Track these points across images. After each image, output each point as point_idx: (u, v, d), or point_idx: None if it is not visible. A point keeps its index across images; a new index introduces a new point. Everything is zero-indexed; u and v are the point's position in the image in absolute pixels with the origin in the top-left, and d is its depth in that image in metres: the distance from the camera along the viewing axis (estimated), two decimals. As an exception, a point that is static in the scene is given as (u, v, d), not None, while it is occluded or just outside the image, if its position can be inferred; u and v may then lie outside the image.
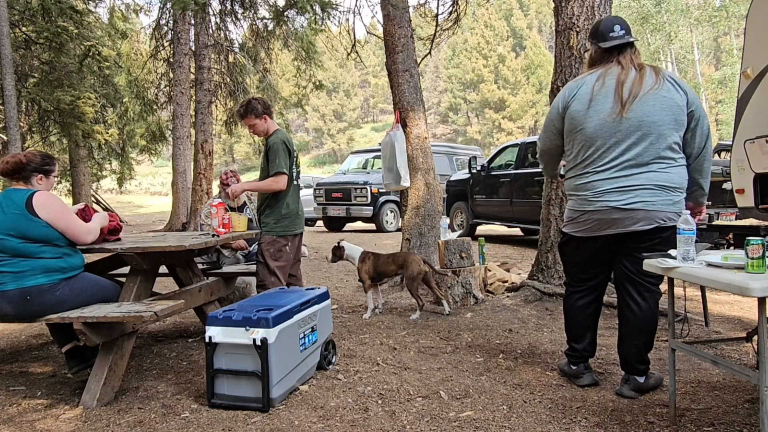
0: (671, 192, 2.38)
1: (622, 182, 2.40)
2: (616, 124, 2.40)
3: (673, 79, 2.42)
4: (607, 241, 2.51)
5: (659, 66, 2.48)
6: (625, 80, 2.41)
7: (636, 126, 2.37)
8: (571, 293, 2.74)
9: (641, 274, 2.43)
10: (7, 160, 2.82)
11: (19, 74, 11.77)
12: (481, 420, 2.31)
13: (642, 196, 2.36)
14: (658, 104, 2.36)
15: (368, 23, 10.47)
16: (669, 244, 2.33)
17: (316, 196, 12.02)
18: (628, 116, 2.37)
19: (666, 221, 2.38)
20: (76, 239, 2.81)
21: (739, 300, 4.41)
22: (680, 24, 23.45)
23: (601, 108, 2.43)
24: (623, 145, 2.39)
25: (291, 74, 16.75)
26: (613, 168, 2.42)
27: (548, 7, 43.80)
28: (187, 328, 4.19)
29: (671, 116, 2.36)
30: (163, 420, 2.42)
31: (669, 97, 2.37)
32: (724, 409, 2.33)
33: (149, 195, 40.96)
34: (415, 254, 4.33)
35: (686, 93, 2.39)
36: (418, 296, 4.21)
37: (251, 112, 3.57)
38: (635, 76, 2.42)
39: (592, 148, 2.46)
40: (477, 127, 48.57)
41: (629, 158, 2.39)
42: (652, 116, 2.36)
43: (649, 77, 2.41)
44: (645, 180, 2.37)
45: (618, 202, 2.40)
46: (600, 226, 2.48)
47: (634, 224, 2.40)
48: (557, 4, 4.29)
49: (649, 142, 2.36)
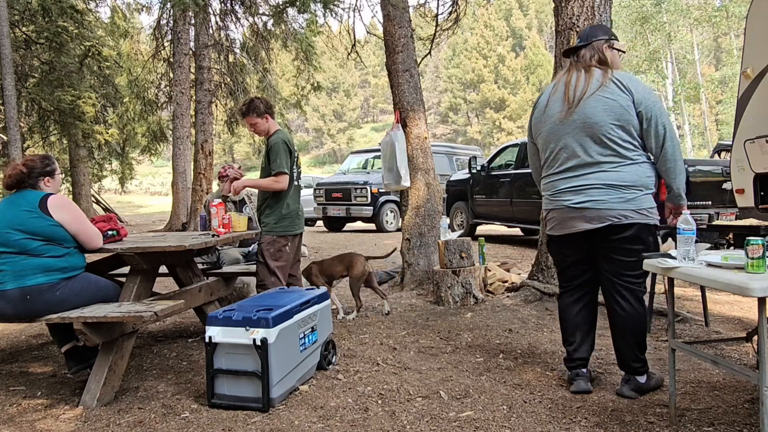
0: (623, 190, 2.38)
1: (574, 182, 2.48)
2: (564, 126, 2.49)
3: (619, 79, 2.40)
4: (577, 240, 2.55)
5: (608, 68, 2.48)
6: (571, 81, 2.48)
7: (581, 127, 2.43)
8: (562, 293, 2.75)
9: (618, 275, 2.47)
10: (8, 174, 2.83)
11: (19, 74, 11.77)
12: (481, 420, 2.31)
13: (592, 195, 2.42)
14: (600, 105, 2.38)
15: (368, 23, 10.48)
16: (637, 242, 2.38)
17: (316, 196, 12.02)
18: (573, 117, 2.45)
19: (621, 219, 2.38)
20: (88, 243, 2.83)
21: (739, 300, 4.41)
22: (680, 24, 23.43)
23: (553, 112, 2.55)
24: (573, 146, 2.47)
25: (291, 74, 16.76)
26: (567, 168, 2.51)
27: (548, 7, 43.79)
28: (187, 328, 4.19)
29: (613, 116, 2.36)
30: (163, 420, 2.42)
31: (611, 98, 2.37)
32: (724, 409, 2.33)
33: (149, 195, 40.97)
34: (359, 254, 4.35)
35: (631, 93, 2.36)
36: (358, 296, 4.31)
37: (253, 111, 3.58)
38: (582, 78, 2.46)
39: (548, 150, 2.59)
40: (477, 127, 48.58)
41: (579, 158, 2.46)
42: (594, 117, 2.39)
43: (595, 79, 2.43)
44: (595, 179, 2.42)
45: (570, 201, 2.49)
46: (561, 225, 2.57)
47: (587, 223, 2.45)
48: (557, 4, 4.29)
49: (594, 142, 2.41)
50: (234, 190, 3.70)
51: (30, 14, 11.72)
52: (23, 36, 12.25)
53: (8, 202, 2.74)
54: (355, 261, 4.27)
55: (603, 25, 2.76)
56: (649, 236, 2.41)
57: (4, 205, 2.73)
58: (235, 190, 3.70)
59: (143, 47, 15.87)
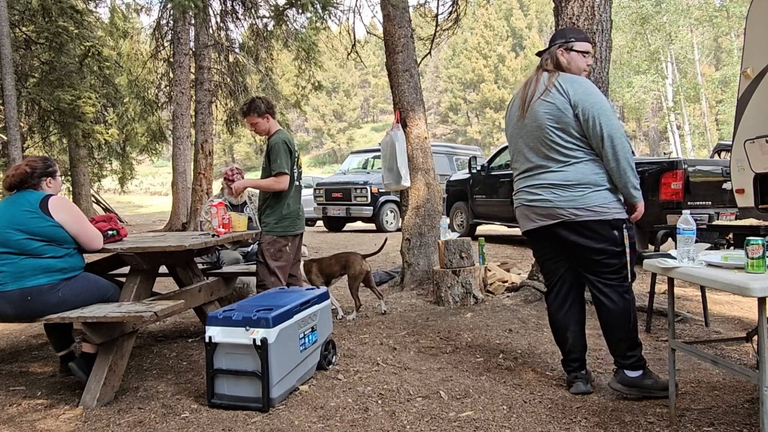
0: (569, 189, 2.42)
1: (528, 182, 2.57)
2: (519, 129, 2.61)
3: (560, 82, 2.44)
4: (543, 237, 2.60)
5: (555, 72, 2.53)
6: (527, 85, 2.57)
7: (530, 130, 2.52)
8: (547, 293, 2.78)
9: (592, 272, 2.49)
10: (12, 173, 2.84)
11: (19, 74, 11.77)
12: (481, 420, 2.31)
13: (541, 194, 2.50)
14: (542, 109, 2.45)
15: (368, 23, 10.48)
16: (598, 239, 2.40)
17: (316, 196, 12.02)
18: (525, 122, 2.54)
19: (571, 217, 2.42)
20: (88, 244, 2.83)
21: (739, 300, 4.41)
22: (680, 24, 23.41)
23: (512, 115, 2.67)
24: (524, 149, 2.58)
25: (291, 74, 16.75)
26: (522, 171, 2.62)
27: (548, 7, 43.78)
28: (187, 328, 4.19)
29: (553, 120, 2.43)
30: (163, 420, 2.42)
31: (551, 102, 2.43)
32: (724, 409, 2.33)
33: (149, 195, 40.98)
34: (357, 254, 4.35)
35: (568, 95, 2.40)
36: (357, 296, 4.31)
37: (254, 110, 3.59)
38: (533, 82, 2.54)
39: (510, 151, 2.74)
40: (477, 127, 48.58)
41: (530, 161, 2.55)
42: (538, 121, 2.47)
43: (541, 83, 2.50)
44: (542, 180, 2.50)
45: (524, 200, 2.59)
46: (521, 221, 2.68)
47: (541, 220, 2.53)
48: (557, 4, 4.29)
49: (541, 145, 2.48)
50: (235, 190, 3.72)
51: (30, 14, 11.72)
52: (23, 36, 12.26)
53: (9, 203, 2.74)
54: (353, 260, 4.27)
55: (566, 29, 2.87)
56: (610, 231, 2.42)
57: (4, 205, 2.73)
58: (235, 190, 3.72)
59: (143, 47, 15.87)
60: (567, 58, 2.57)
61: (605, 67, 4.20)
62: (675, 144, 25.10)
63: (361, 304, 4.39)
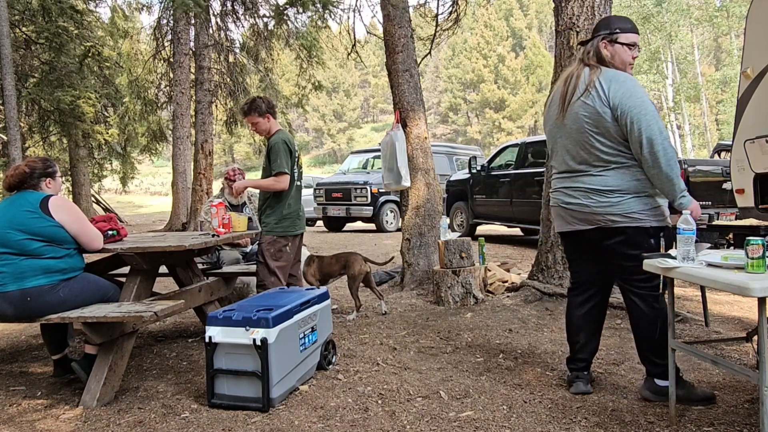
0: (607, 195, 2.34)
1: (566, 183, 2.50)
2: (558, 129, 2.52)
3: (601, 82, 2.31)
4: (577, 239, 2.55)
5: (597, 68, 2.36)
6: (567, 81, 2.44)
7: (569, 132, 2.44)
8: (570, 289, 2.75)
9: (624, 279, 2.45)
10: (11, 173, 2.84)
11: (19, 74, 11.77)
12: (481, 420, 2.31)
13: (579, 198, 2.43)
14: (582, 112, 2.35)
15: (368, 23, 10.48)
16: (633, 246, 2.34)
17: (316, 196, 12.02)
18: (565, 122, 2.46)
19: (608, 223, 2.36)
20: (88, 244, 2.83)
21: (739, 300, 4.41)
22: (680, 24, 23.43)
23: (552, 112, 2.56)
24: (563, 150, 2.50)
25: (291, 74, 16.74)
26: (561, 171, 2.55)
27: (548, 7, 43.78)
28: (187, 328, 4.19)
29: (592, 124, 2.33)
30: (163, 420, 2.42)
31: (590, 104, 2.32)
32: (724, 409, 2.32)
33: (149, 195, 40.98)
34: (357, 254, 4.35)
35: (608, 97, 2.28)
36: (357, 296, 4.30)
37: (255, 110, 3.58)
38: (574, 78, 2.41)
39: (549, 147, 2.64)
40: (477, 127, 48.57)
41: (567, 164, 2.48)
42: (577, 123, 2.38)
43: (581, 81, 2.38)
44: (581, 183, 2.42)
45: (561, 201, 2.52)
46: (557, 221, 2.61)
47: (578, 224, 2.47)
48: (557, 4, 4.29)
49: (580, 148, 2.40)
50: (235, 191, 3.73)
51: (30, 14, 11.73)
52: (23, 36, 12.26)
53: (9, 203, 2.74)
54: (353, 260, 4.27)
55: (611, 17, 2.58)
56: (646, 239, 2.36)
57: (4, 206, 2.73)
58: (236, 191, 3.72)
59: (143, 47, 15.87)
60: (610, 51, 2.39)
61: (605, 67, 4.19)
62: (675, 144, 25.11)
63: (361, 304, 4.39)
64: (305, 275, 4.29)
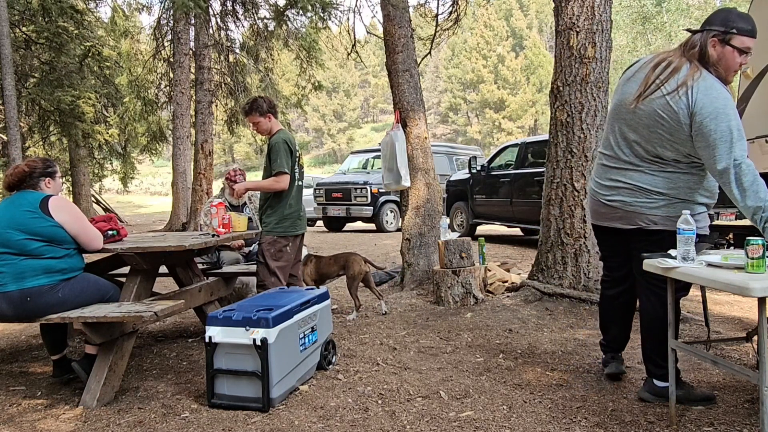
0: (652, 195, 2.26)
1: (611, 174, 2.38)
2: (625, 112, 2.30)
3: (693, 90, 2.09)
4: (611, 234, 2.50)
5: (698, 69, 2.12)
6: (658, 67, 2.20)
7: (638, 124, 2.26)
8: (603, 282, 2.76)
9: (641, 273, 2.38)
10: (11, 173, 2.85)
11: (19, 74, 11.77)
12: (481, 420, 2.31)
13: (622, 195, 2.34)
14: (661, 112, 2.17)
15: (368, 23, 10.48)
16: (662, 247, 2.26)
17: (316, 196, 12.03)
18: (637, 111, 2.24)
19: (649, 224, 2.30)
20: (88, 244, 2.83)
21: (739, 300, 4.41)
22: (681, 24, 23.43)
23: (628, 91, 2.31)
24: (622, 139, 2.34)
25: (291, 74, 16.74)
26: (610, 156, 2.39)
27: (548, 7, 43.79)
28: (187, 328, 4.19)
29: (666, 131, 2.17)
30: (163, 420, 2.42)
31: (674, 110, 2.12)
32: (724, 409, 2.32)
33: (149, 195, 40.97)
34: (357, 254, 4.35)
35: (693, 109, 2.09)
36: (356, 296, 4.30)
37: (256, 109, 3.59)
38: (668, 69, 2.17)
39: (607, 126, 2.43)
40: (477, 127, 48.55)
41: (624, 153, 2.33)
42: (651, 120, 2.21)
43: (674, 79, 2.13)
44: (629, 179, 2.31)
45: (601, 194, 2.44)
46: (593, 215, 2.55)
47: (616, 222, 2.41)
48: (557, 4, 4.29)
49: (644, 143, 2.27)
50: (236, 193, 3.73)
51: (30, 14, 11.73)
52: (23, 36, 12.26)
53: (9, 203, 2.74)
54: (352, 261, 4.26)
55: (732, 11, 2.21)
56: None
57: (4, 206, 2.73)
58: (237, 193, 3.73)
59: (143, 47, 15.88)
60: (718, 53, 2.15)
61: (605, 67, 4.20)
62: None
63: (361, 304, 4.39)
64: (302, 275, 4.30)
